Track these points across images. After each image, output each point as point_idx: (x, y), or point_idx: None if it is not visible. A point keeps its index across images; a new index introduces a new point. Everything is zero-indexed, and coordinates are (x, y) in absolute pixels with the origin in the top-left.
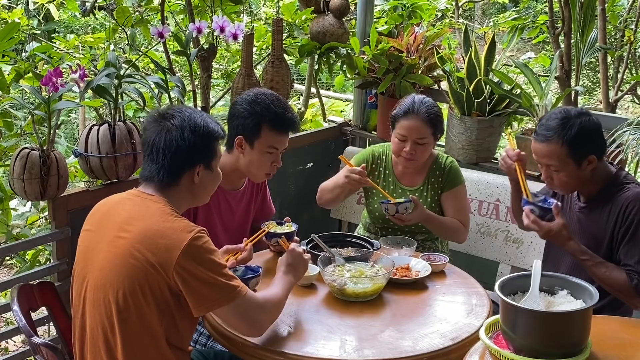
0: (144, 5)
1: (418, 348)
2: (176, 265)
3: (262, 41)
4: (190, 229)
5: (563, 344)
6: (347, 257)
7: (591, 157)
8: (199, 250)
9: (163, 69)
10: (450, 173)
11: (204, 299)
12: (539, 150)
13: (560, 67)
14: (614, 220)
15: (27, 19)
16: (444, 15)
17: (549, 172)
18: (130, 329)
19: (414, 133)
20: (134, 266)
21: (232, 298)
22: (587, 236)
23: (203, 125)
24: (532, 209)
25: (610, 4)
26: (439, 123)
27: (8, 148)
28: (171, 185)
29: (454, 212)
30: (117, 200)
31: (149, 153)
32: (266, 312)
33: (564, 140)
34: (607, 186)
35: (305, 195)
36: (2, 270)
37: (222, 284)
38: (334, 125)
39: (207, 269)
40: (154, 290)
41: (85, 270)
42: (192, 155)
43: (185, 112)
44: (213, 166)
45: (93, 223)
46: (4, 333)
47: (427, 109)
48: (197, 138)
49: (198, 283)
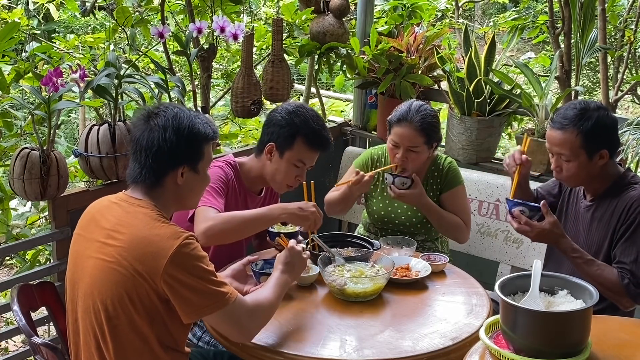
0: (144, 5)
1: (418, 348)
2: (163, 273)
3: (262, 41)
4: (177, 235)
5: (563, 344)
6: (347, 257)
7: (604, 151)
8: (187, 257)
9: (163, 69)
10: (448, 174)
11: (192, 306)
12: (553, 138)
13: (560, 67)
14: (616, 218)
15: (27, 19)
16: (444, 15)
17: (559, 161)
18: (121, 334)
19: (406, 141)
20: (121, 274)
21: (221, 305)
22: (592, 235)
23: (188, 126)
24: (522, 210)
25: (610, 4)
26: (433, 132)
27: (8, 148)
28: (155, 186)
29: (453, 212)
30: (106, 204)
31: (133, 152)
32: (256, 318)
33: (579, 130)
34: (614, 185)
35: None
36: (2, 270)
37: (211, 290)
38: (334, 125)
39: (195, 276)
40: (142, 298)
41: (75, 276)
42: (175, 156)
43: (171, 112)
44: (200, 168)
45: (82, 227)
46: (4, 333)
47: (421, 118)
48: (181, 139)
49: (186, 290)
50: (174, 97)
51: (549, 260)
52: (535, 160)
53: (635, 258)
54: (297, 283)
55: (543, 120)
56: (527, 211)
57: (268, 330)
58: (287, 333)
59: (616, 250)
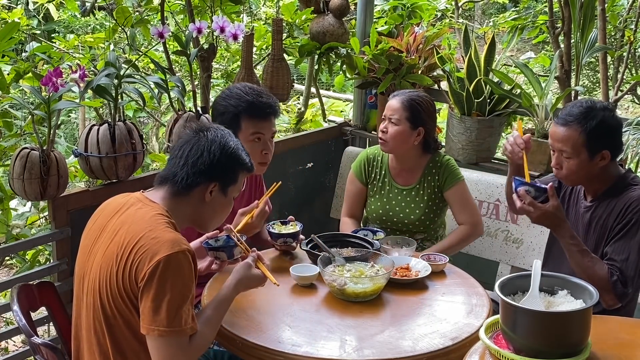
0: (144, 5)
1: (418, 348)
2: (144, 275)
3: (262, 41)
4: (174, 244)
5: (563, 344)
6: (347, 257)
7: (605, 152)
8: (172, 269)
9: (163, 69)
10: (447, 169)
11: (146, 319)
12: (555, 134)
13: (560, 67)
14: (614, 217)
15: (27, 19)
16: (443, 15)
17: (560, 158)
18: (118, 334)
19: (389, 111)
20: (116, 273)
21: (170, 334)
22: (590, 236)
23: (233, 148)
24: (528, 190)
25: (610, 4)
26: (416, 112)
27: (8, 148)
28: (182, 194)
29: (460, 208)
30: (122, 202)
31: (174, 156)
32: (192, 358)
33: (583, 128)
34: (614, 186)
35: (305, 195)
36: (2, 270)
37: (170, 314)
38: (333, 125)
39: (167, 291)
40: (130, 298)
41: (82, 270)
42: (212, 170)
43: (221, 132)
44: (229, 192)
45: (95, 222)
46: (4, 333)
47: (409, 96)
48: (223, 156)
49: (152, 300)
50: (173, 97)
51: (547, 260)
52: (535, 160)
53: (627, 257)
54: (297, 283)
55: (543, 120)
56: (533, 191)
57: (268, 331)
58: (287, 333)
59: (608, 247)
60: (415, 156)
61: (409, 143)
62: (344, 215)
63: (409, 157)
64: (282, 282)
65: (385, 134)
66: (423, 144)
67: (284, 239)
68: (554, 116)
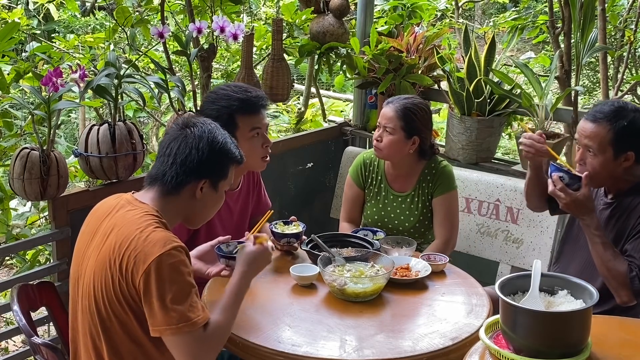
0: (144, 5)
1: (418, 348)
2: (141, 278)
3: (262, 41)
4: (165, 243)
5: (563, 344)
6: (347, 257)
7: (630, 153)
8: (167, 268)
9: (163, 69)
10: (441, 176)
11: (156, 322)
12: (584, 129)
13: (560, 67)
14: (635, 216)
15: (27, 19)
16: (444, 15)
17: (584, 154)
18: (113, 336)
19: (383, 119)
20: (110, 276)
21: (182, 330)
22: (608, 232)
23: (221, 142)
24: (562, 177)
25: (610, 4)
26: (411, 121)
27: (8, 148)
28: (171, 193)
29: (443, 217)
30: (112, 204)
31: (161, 155)
32: (213, 349)
33: (612, 126)
34: (636, 186)
35: (305, 195)
36: (2, 270)
37: (177, 311)
38: (334, 125)
39: (168, 290)
40: (128, 301)
41: (77, 274)
42: (201, 168)
43: (207, 126)
44: (219, 187)
45: (87, 225)
46: (4, 333)
47: (404, 104)
48: (212, 152)
49: (155, 303)
50: (173, 97)
51: (559, 257)
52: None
53: None
54: (297, 283)
55: (543, 120)
56: (567, 178)
57: (268, 331)
58: (287, 333)
59: (628, 244)
60: (411, 163)
61: (403, 152)
62: (342, 220)
63: (404, 164)
64: (282, 282)
65: (380, 142)
66: (419, 151)
67: (287, 239)
68: (586, 115)
